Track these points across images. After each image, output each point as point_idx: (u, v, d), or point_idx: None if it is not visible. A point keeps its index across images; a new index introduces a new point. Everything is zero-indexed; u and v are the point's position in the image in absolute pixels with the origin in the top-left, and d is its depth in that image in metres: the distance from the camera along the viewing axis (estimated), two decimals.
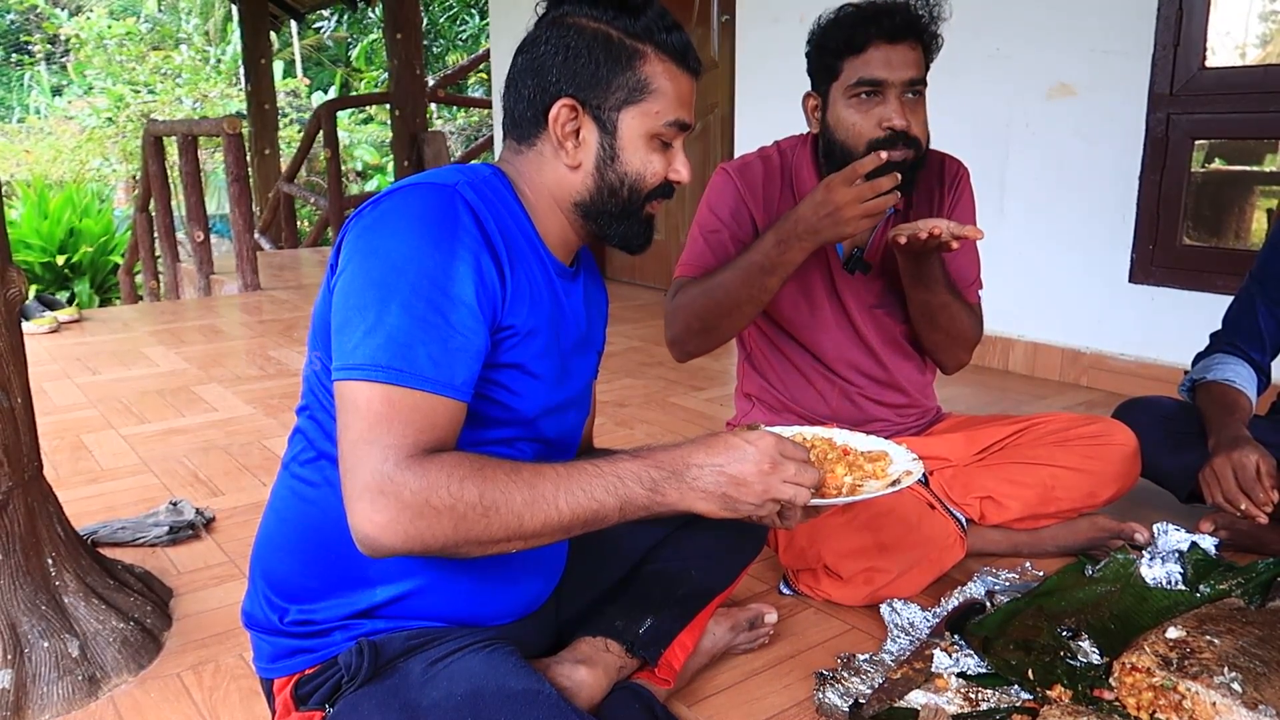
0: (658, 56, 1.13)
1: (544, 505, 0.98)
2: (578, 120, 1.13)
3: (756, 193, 1.81)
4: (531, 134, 1.16)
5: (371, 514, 0.94)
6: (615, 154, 1.14)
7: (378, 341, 0.98)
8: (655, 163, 1.16)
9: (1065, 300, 3.40)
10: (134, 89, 14.11)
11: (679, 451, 1.04)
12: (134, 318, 4.92)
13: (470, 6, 14.31)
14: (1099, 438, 1.90)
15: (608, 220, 1.17)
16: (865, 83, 1.62)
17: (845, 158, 1.65)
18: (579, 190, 1.16)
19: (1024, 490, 1.86)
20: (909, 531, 1.73)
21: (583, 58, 1.12)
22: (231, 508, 2.28)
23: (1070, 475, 1.86)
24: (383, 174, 13.56)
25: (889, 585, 1.73)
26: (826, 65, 1.67)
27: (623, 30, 1.12)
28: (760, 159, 1.85)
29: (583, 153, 1.14)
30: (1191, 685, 1.29)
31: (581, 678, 1.24)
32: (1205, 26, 2.95)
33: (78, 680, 1.48)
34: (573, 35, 1.12)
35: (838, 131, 1.68)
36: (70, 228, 8.74)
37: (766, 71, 4.30)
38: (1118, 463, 1.89)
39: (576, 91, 1.12)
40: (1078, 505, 1.89)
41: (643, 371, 3.61)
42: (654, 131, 1.14)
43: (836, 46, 1.64)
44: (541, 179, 1.17)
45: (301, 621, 1.15)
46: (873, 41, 1.61)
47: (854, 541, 1.71)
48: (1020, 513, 1.87)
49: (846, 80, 1.64)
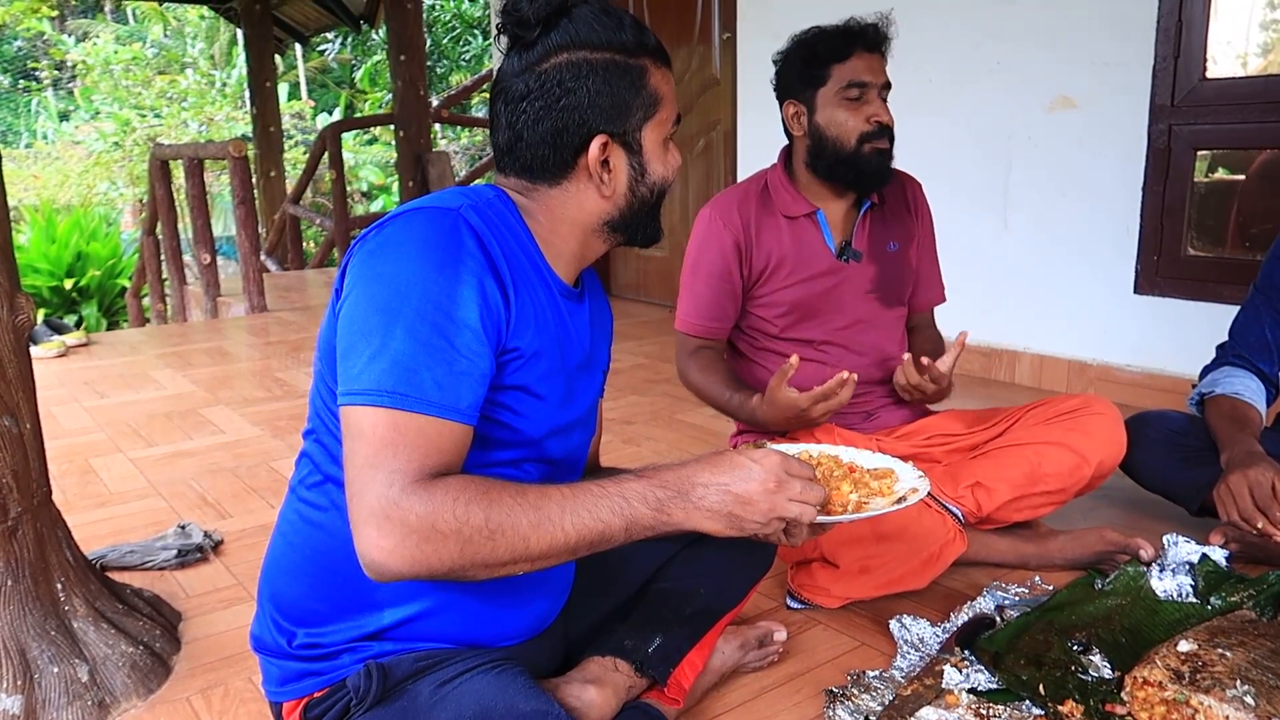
0: (653, 65, 1.16)
1: (549, 527, 0.98)
2: (607, 150, 1.15)
3: (738, 229, 1.98)
4: (558, 176, 1.16)
5: (378, 539, 0.94)
6: (644, 170, 1.18)
7: (383, 366, 0.98)
8: (671, 162, 1.21)
9: (1071, 312, 3.40)
10: (140, 113, 14.22)
11: (684, 471, 1.04)
12: (141, 341, 4.94)
13: (473, 27, 14.41)
14: (1078, 411, 1.93)
15: (637, 227, 1.22)
16: (855, 84, 1.87)
17: (837, 152, 1.90)
18: (610, 212, 1.19)
19: (1010, 471, 1.88)
20: (907, 525, 1.77)
21: (605, 92, 1.12)
22: (240, 530, 2.28)
23: (1054, 450, 1.88)
24: (388, 194, 13.62)
25: (893, 577, 1.75)
26: (812, 74, 1.91)
27: (625, 52, 1.14)
28: (739, 194, 2.03)
29: (615, 179, 1.17)
30: (1204, 699, 1.28)
31: (591, 697, 1.23)
32: (1205, 37, 2.96)
33: (87, 705, 1.48)
34: (586, 72, 1.12)
35: (830, 129, 1.90)
36: (78, 252, 8.80)
37: (767, 87, 4.29)
38: (1098, 432, 1.90)
39: (607, 125, 1.14)
40: (1067, 482, 1.89)
41: (649, 388, 3.61)
42: (665, 135, 1.19)
43: (825, 55, 1.89)
44: (565, 211, 1.17)
45: (310, 645, 1.15)
46: (856, 50, 1.88)
47: (852, 531, 1.75)
48: (1010, 494, 1.88)
49: (837, 84, 1.89)
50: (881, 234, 2.04)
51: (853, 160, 1.89)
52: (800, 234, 1.99)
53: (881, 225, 2.04)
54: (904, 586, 1.77)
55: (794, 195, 1.99)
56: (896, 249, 2.06)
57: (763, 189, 2.03)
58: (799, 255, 1.98)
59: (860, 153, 1.88)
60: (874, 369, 2.03)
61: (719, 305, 2.00)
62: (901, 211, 2.09)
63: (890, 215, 2.06)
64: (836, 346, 2.01)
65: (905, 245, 2.08)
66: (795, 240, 1.98)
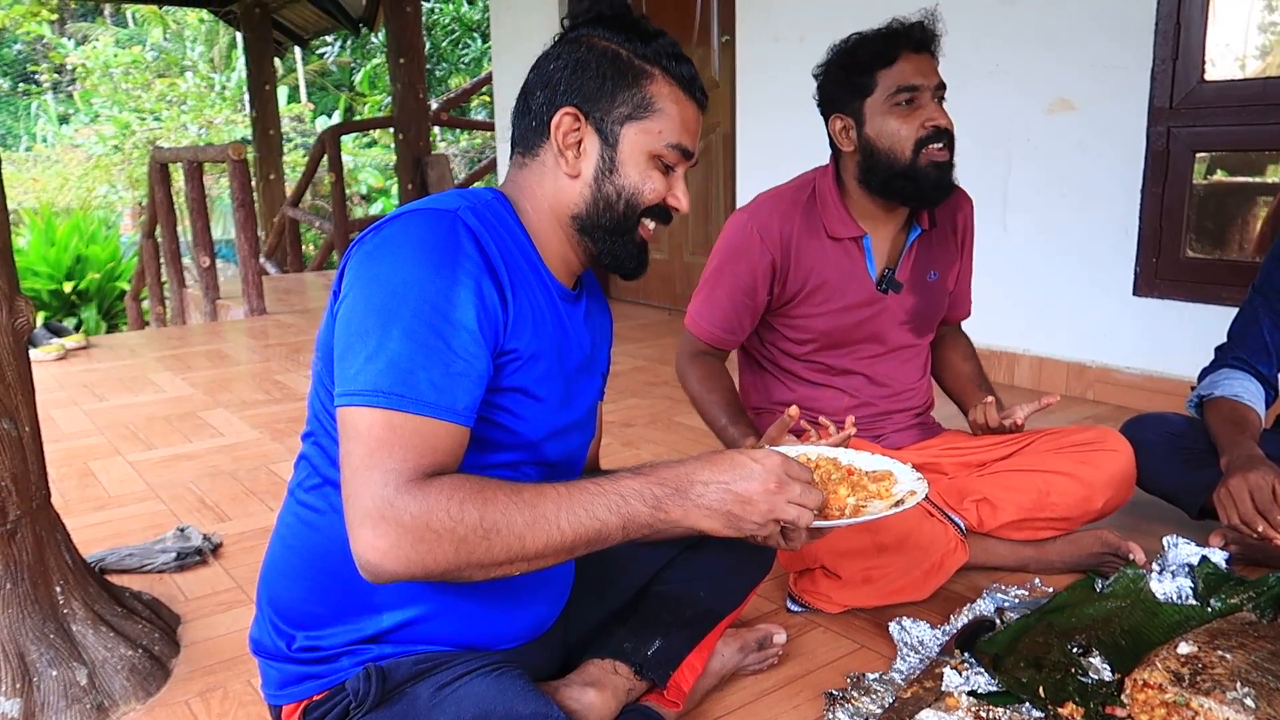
0: (665, 79, 1.16)
1: (545, 526, 0.98)
2: (580, 131, 1.15)
3: (776, 247, 1.85)
4: (536, 144, 1.18)
5: (373, 540, 0.94)
6: (615, 166, 1.16)
7: (379, 367, 0.98)
8: (654, 180, 1.17)
9: (1070, 314, 3.40)
10: (140, 116, 14.23)
11: (683, 468, 1.04)
12: (141, 344, 4.94)
13: (472, 30, 14.42)
14: (1093, 444, 1.91)
15: (603, 235, 1.18)
16: (904, 89, 1.73)
17: (891, 165, 1.77)
18: (576, 201, 1.17)
19: (1018, 495, 1.87)
20: (908, 535, 1.75)
21: (590, 71, 1.14)
22: (239, 533, 2.28)
23: (1064, 481, 1.87)
24: (387, 197, 13.62)
25: (895, 587, 1.74)
26: (857, 83, 1.77)
27: (633, 51, 1.15)
28: (784, 205, 1.88)
29: (583, 162, 1.16)
30: (1204, 701, 1.28)
31: (590, 700, 1.23)
32: (1204, 40, 2.96)
33: (86, 709, 1.48)
34: (584, 51, 1.15)
35: (881, 140, 1.77)
36: (77, 255, 8.79)
37: (767, 90, 4.32)
38: (1111, 469, 1.89)
39: (581, 102, 1.14)
40: (1073, 512, 1.89)
41: (648, 391, 3.61)
42: (655, 151, 1.16)
43: (868, 61, 1.76)
44: (542, 190, 1.18)
45: (309, 648, 1.15)
46: (903, 53, 1.74)
47: (852, 543, 1.73)
48: (1015, 515, 1.87)
49: (884, 90, 1.75)
50: (925, 262, 1.94)
51: (909, 173, 1.75)
52: (843, 259, 1.87)
53: (926, 253, 1.94)
54: (906, 597, 1.75)
55: (843, 215, 1.86)
56: (936, 278, 1.96)
57: (809, 199, 1.89)
58: (838, 283, 1.86)
59: (917, 164, 1.75)
60: (891, 400, 1.97)
61: (735, 318, 1.90)
62: (948, 236, 1.98)
63: (936, 241, 1.95)
64: (858, 376, 1.95)
65: (945, 273, 1.99)
66: (837, 266, 1.87)
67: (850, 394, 1.94)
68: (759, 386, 2.02)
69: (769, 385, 2.00)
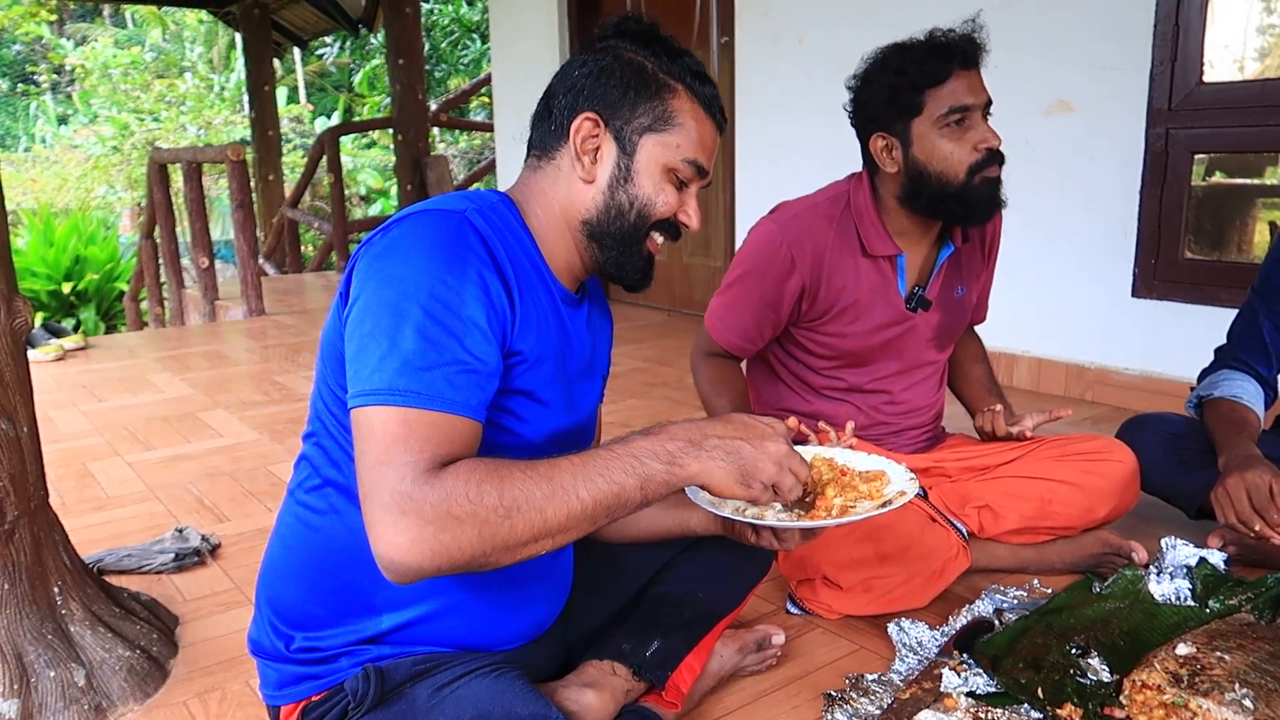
0: (687, 96, 1.16)
1: (565, 496, 0.97)
2: (599, 137, 1.15)
3: (807, 266, 1.79)
4: (553, 147, 1.18)
5: (394, 536, 0.91)
6: (630, 175, 1.16)
7: (394, 367, 0.97)
8: (668, 194, 1.17)
9: (1069, 315, 3.40)
10: (139, 117, 14.23)
11: (695, 425, 1.05)
12: (139, 344, 4.94)
13: (472, 31, 14.42)
14: (1097, 454, 1.91)
15: (611, 243, 1.18)
16: (956, 110, 1.67)
17: (943, 187, 1.71)
18: (589, 206, 1.17)
19: (1021, 503, 1.87)
20: (910, 544, 1.74)
21: (614, 79, 1.15)
22: (237, 534, 2.28)
23: (1067, 490, 1.87)
24: (386, 198, 13.62)
25: (895, 595, 1.73)
26: (905, 103, 1.69)
27: (658, 65, 1.16)
28: (818, 220, 1.81)
29: (599, 168, 1.16)
30: (1203, 702, 1.28)
31: (589, 701, 1.23)
32: (1202, 42, 2.97)
33: (84, 709, 1.48)
34: (610, 59, 1.16)
35: (932, 163, 1.70)
36: (76, 255, 8.79)
37: (766, 91, 4.32)
38: (1114, 479, 1.89)
39: (602, 109, 1.15)
40: (1075, 521, 1.89)
41: (648, 392, 3.61)
42: (671, 165, 1.16)
43: (918, 80, 1.67)
44: (555, 193, 1.18)
45: (308, 649, 1.15)
46: (954, 71, 1.66)
47: (853, 553, 1.72)
48: (1017, 524, 1.87)
49: (935, 111, 1.68)
50: (953, 279, 1.92)
51: (962, 195, 1.70)
52: (875, 277, 1.82)
53: (955, 269, 1.91)
54: (907, 604, 1.75)
55: (880, 233, 1.80)
56: (963, 294, 1.94)
57: (843, 213, 1.82)
58: (868, 302, 1.82)
59: (970, 185, 1.69)
60: (905, 417, 1.96)
61: (756, 329, 1.86)
62: (975, 248, 1.96)
63: (965, 257, 1.93)
64: (878, 394, 1.92)
65: (971, 288, 1.97)
66: (869, 285, 1.82)
67: (866, 412, 1.92)
68: (772, 393, 1.99)
69: (782, 394, 1.97)
